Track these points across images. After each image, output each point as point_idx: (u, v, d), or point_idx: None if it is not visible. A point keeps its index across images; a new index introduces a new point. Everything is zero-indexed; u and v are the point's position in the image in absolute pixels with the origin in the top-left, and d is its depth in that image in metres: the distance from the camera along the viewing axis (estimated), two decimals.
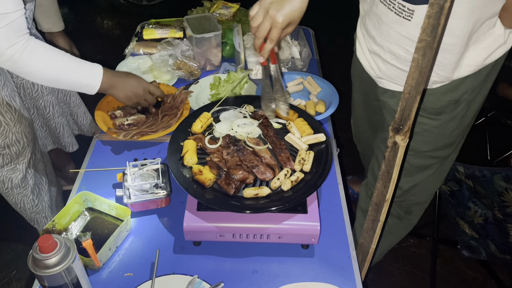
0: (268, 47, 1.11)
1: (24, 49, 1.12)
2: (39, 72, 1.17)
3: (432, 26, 0.74)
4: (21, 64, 1.14)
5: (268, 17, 1.07)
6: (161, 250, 1.09)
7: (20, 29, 1.11)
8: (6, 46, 1.09)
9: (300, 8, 1.09)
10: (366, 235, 1.12)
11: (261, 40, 1.11)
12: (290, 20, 1.08)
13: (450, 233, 2.11)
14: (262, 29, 1.08)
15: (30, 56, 1.14)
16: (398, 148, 0.91)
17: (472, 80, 1.18)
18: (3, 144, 1.43)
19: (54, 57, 1.19)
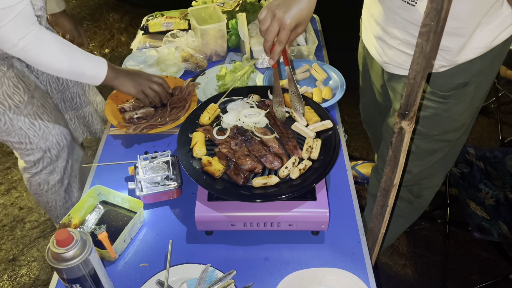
0: (278, 49, 1.11)
1: (36, 39, 1.15)
2: (50, 62, 1.20)
3: (435, 10, 0.74)
4: (33, 54, 1.17)
5: (276, 19, 1.07)
6: (174, 240, 1.11)
7: (28, 19, 1.13)
8: (18, 38, 1.12)
9: (308, 8, 1.08)
10: (375, 220, 1.13)
11: (270, 42, 1.11)
12: (299, 21, 1.08)
13: (462, 215, 2.11)
14: (271, 32, 1.08)
15: (42, 47, 1.17)
16: (405, 134, 0.91)
17: (480, 62, 1.16)
18: (45, 147, 1.46)
19: (64, 48, 1.22)
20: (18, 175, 2.47)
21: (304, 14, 1.08)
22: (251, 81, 1.56)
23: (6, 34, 1.10)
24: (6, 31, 1.10)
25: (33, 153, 1.46)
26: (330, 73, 1.56)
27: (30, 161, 1.48)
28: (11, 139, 1.40)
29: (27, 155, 1.47)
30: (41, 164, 1.49)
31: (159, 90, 1.40)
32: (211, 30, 1.64)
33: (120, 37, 3.54)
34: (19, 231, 2.19)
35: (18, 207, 2.31)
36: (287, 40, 1.11)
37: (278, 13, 1.07)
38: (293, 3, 1.07)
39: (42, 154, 1.47)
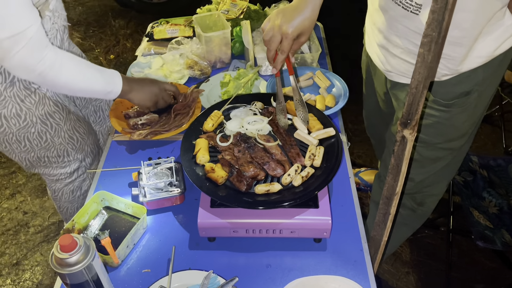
0: (280, 58, 1.14)
1: (54, 63, 1.12)
2: (68, 84, 1.18)
3: (436, 21, 0.75)
4: (51, 78, 1.14)
5: (278, 29, 1.09)
6: (177, 247, 1.12)
7: (41, 42, 1.09)
8: (35, 63, 1.09)
9: (310, 18, 1.11)
10: (377, 228, 1.13)
11: (273, 52, 1.13)
12: (301, 31, 1.11)
13: (465, 223, 2.10)
14: (273, 42, 1.11)
15: (59, 71, 1.15)
16: (407, 142, 0.91)
17: (483, 71, 1.17)
18: (81, 157, 1.48)
19: (80, 68, 1.20)
20: (23, 180, 2.49)
21: (306, 24, 1.11)
22: (254, 88, 1.57)
23: (21, 61, 1.08)
24: (21, 58, 1.07)
25: (70, 164, 1.48)
26: (334, 80, 1.57)
27: (66, 173, 1.50)
28: (49, 154, 1.41)
29: (63, 167, 1.48)
30: (76, 173, 1.53)
31: (170, 101, 1.43)
32: (215, 37, 1.66)
33: (125, 43, 3.57)
34: (23, 235, 2.20)
35: (23, 212, 2.32)
36: (290, 49, 1.13)
37: (280, 23, 1.09)
38: (296, 14, 1.10)
39: (79, 164, 1.50)
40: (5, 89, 1.23)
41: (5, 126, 1.28)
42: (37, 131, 1.33)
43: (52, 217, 2.29)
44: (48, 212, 2.31)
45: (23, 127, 1.30)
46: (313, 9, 1.11)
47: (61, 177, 1.51)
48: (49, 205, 2.35)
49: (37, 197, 2.39)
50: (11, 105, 1.25)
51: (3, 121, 1.27)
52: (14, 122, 1.28)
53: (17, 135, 1.31)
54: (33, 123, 1.31)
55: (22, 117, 1.28)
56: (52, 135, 1.36)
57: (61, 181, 1.53)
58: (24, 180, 2.49)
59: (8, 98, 1.24)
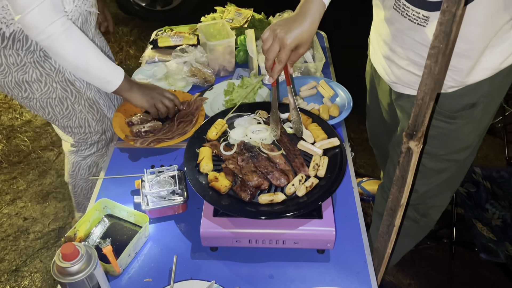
0: (278, 68, 1.15)
1: (64, 30, 1.18)
2: (70, 57, 1.23)
3: (444, 33, 0.75)
4: (57, 44, 1.19)
5: (277, 39, 1.11)
6: (179, 256, 1.11)
7: (55, 7, 1.16)
8: (46, 24, 1.14)
9: (309, 30, 1.12)
10: (381, 240, 1.12)
11: (271, 61, 1.15)
12: (299, 42, 1.12)
13: (468, 235, 2.09)
14: (271, 51, 1.13)
15: (66, 40, 1.19)
16: (412, 154, 0.91)
17: (488, 84, 1.17)
18: (101, 130, 1.52)
19: (87, 47, 1.25)
20: (23, 185, 2.49)
21: (304, 36, 1.12)
22: (258, 97, 1.57)
23: (33, 19, 1.13)
24: (34, 16, 1.12)
25: (91, 136, 1.52)
26: (337, 90, 1.57)
27: (87, 144, 1.54)
28: (71, 124, 1.46)
29: (85, 139, 1.52)
30: (96, 147, 1.57)
31: (171, 106, 1.43)
32: (219, 46, 1.66)
33: (128, 50, 3.58)
34: (22, 241, 2.19)
35: (23, 218, 2.31)
36: (287, 60, 1.15)
37: (279, 33, 1.11)
38: (295, 25, 1.11)
39: (99, 136, 1.54)
40: (25, 55, 1.30)
41: (28, 91, 1.36)
42: (58, 97, 1.39)
43: (52, 224, 2.28)
44: (48, 218, 2.30)
45: (44, 92, 1.36)
46: (312, 22, 1.13)
47: (82, 147, 1.56)
48: (49, 211, 2.34)
49: (38, 203, 2.39)
50: (31, 70, 1.32)
51: (26, 86, 1.34)
52: (36, 87, 1.35)
53: (40, 100, 1.38)
54: (53, 89, 1.37)
55: (43, 82, 1.35)
56: (73, 101, 1.41)
57: (81, 153, 1.58)
58: (25, 185, 2.48)
59: (28, 64, 1.31)
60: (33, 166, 2.61)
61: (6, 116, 2.95)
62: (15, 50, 1.28)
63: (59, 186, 2.48)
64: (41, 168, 2.59)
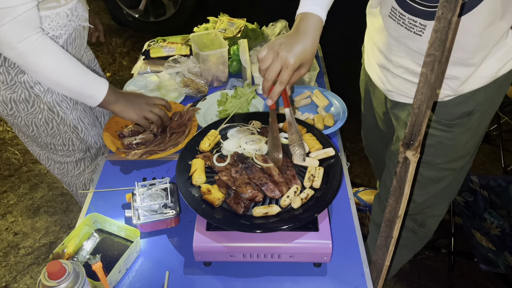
0: (278, 89, 1.06)
1: (37, 46, 1.14)
2: (47, 73, 1.20)
3: (439, 40, 0.73)
4: (31, 61, 1.16)
5: (279, 58, 1.03)
6: (171, 271, 1.07)
7: (30, 23, 1.12)
8: (17, 40, 1.11)
9: (312, 48, 1.06)
10: (379, 252, 1.10)
11: (271, 82, 1.06)
12: (302, 61, 1.05)
13: (466, 244, 2.06)
14: (272, 71, 1.04)
15: (41, 55, 1.16)
16: (409, 164, 0.89)
17: (485, 92, 1.16)
18: (85, 148, 1.50)
19: (64, 62, 1.21)
20: (14, 199, 2.44)
21: (308, 55, 1.06)
22: (252, 107, 1.55)
23: (4, 35, 1.09)
24: (5, 31, 1.09)
25: (74, 154, 1.50)
26: (332, 99, 1.55)
27: (72, 162, 1.53)
28: (55, 142, 1.44)
29: (68, 156, 1.51)
30: (83, 164, 1.55)
31: (161, 114, 1.39)
32: (212, 56, 1.64)
33: (122, 61, 3.57)
34: (12, 257, 2.14)
35: (13, 232, 2.26)
36: (289, 81, 1.06)
37: (281, 52, 1.03)
38: (296, 43, 1.04)
39: (83, 154, 1.52)
40: (16, 74, 1.27)
41: (14, 109, 1.34)
42: (44, 118, 1.37)
43: (43, 238, 2.23)
44: (39, 233, 2.25)
45: (30, 112, 1.35)
46: (314, 39, 1.06)
47: (69, 167, 1.54)
48: (40, 226, 2.29)
49: (28, 218, 2.34)
50: (20, 90, 1.30)
51: (12, 105, 1.32)
52: (22, 106, 1.33)
53: (25, 119, 1.36)
54: (40, 110, 1.35)
55: (30, 103, 1.33)
56: (58, 122, 1.39)
57: (71, 173, 1.56)
58: (16, 199, 2.44)
59: (18, 83, 1.29)
60: (24, 179, 2.56)
61: None
62: (6, 68, 1.25)
63: (50, 199, 2.44)
64: (32, 181, 2.55)
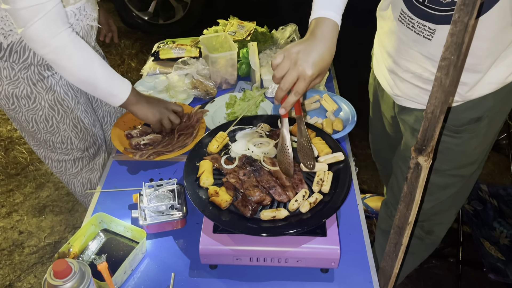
0: (293, 99, 1.02)
1: (69, 42, 1.15)
2: (78, 70, 1.20)
3: (455, 44, 0.72)
4: (63, 57, 1.16)
5: (296, 68, 0.98)
6: (177, 274, 1.06)
7: (60, 18, 1.13)
8: (50, 36, 1.12)
9: (329, 56, 1.01)
10: (388, 259, 1.08)
11: (285, 92, 1.01)
12: (320, 71, 1.00)
13: (475, 254, 2.04)
14: (288, 81, 0.99)
15: (73, 52, 1.17)
16: (421, 170, 0.87)
17: (494, 98, 1.15)
18: (83, 147, 1.51)
19: (94, 59, 1.22)
20: (20, 198, 2.44)
21: (325, 63, 1.00)
22: (260, 110, 1.54)
23: (37, 32, 1.10)
24: (38, 28, 1.10)
25: (72, 152, 1.51)
26: (341, 104, 1.54)
27: (70, 160, 1.53)
28: (54, 139, 1.45)
29: (66, 154, 1.51)
30: (81, 163, 1.55)
31: (177, 122, 1.41)
32: (221, 59, 1.64)
33: (130, 63, 3.58)
34: (17, 255, 2.14)
35: (18, 231, 2.26)
36: (305, 91, 1.02)
37: (299, 62, 0.98)
38: (314, 51, 0.99)
39: (81, 153, 1.52)
40: (20, 70, 1.29)
41: (16, 104, 1.35)
42: (44, 115, 1.38)
43: (48, 238, 2.23)
44: (44, 232, 2.25)
45: (31, 108, 1.36)
46: (331, 47, 1.01)
47: (67, 165, 1.55)
48: (45, 225, 2.29)
49: (34, 217, 2.34)
50: (23, 86, 1.31)
51: (14, 100, 1.34)
52: (24, 102, 1.35)
53: (26, 115, 1.38)
54: (41, 107, 1.36)
55: (32, 99, 1.34)
56: (58, 120, 1.41)
57: (68, 171, 1.57)
58: (22, 198, 2.44)
59: (21, 79, 1.30)
60: (31, 178, 2.57)
61: (4, 127, 2.93)
62: (11, 63, 1.26)
63: (56, 199, 2.44)
64: (38, 180, 2.55)
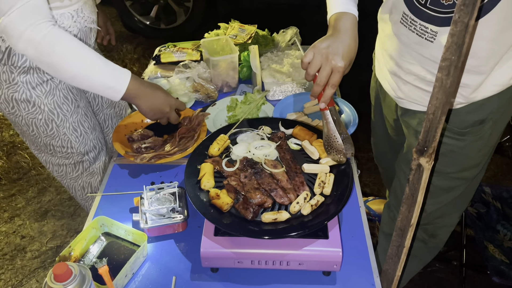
0: (330, 92, 1.09)
1: (47, 33, 1.06)
2: (63, 63, 1.11)
3: (456, 44, 0.71)
4: (44, 50, 1.07)
5: (329, 62, 1.05)
6: (178, 277, 1.06)
7: (39, 12, 1.06)
8: (24, 27, 1.04)
9: (355, 45, 1.10)
10: (390, 262, 1.07)
11: (322, 87, 1.09)
12: (350, 61, 1.08)
13: (479, 257, 2.02)
14: (323, 76, 1.06)
15: (54, 43, 1.08)
16: (423, 171, 0.87)
17: (497, 100, 1.14)
18: (84, 151, 1.50)
19: (80, 50, 1.13)
20: (22, 203, 2.45)
21: (352, 53, 1.09)
22: (262, 113, 1.54)
23: (12, 23, 1.03)
24: (13, 20, 1.03)
25: (73, 156, 1.50)
26: (343, 106, 1.54)
27: (71, 164, 1.52)
28: (54, 143, 1.45)
29: (67, 158, 1.50)
30: (81, 167, 1.54)
31: (175, 122, 1.38)
32: (223, 62, 1.64)
33: (132, 67, 3.59)
34: (19, 260, 2.14)
35: (20, 236, 2.26)
36: (339, 82, 1.09)
37: (330, 56, 1.05)
38: (341, 43, 1.07)
39: (82, 157, 1.51)
40: (19, 74, 1.28)
41: (15, 108, 1.34)
42: (44, 118, 1.37)
43: (50, 242, 2.22)
44: (46, 237, 2.25)
45: (31, 112, 1.35)
46: (355, 39, 1.10)
47: (68, 169, 1.54)
48: (47, 230, 2.29)
49: (36, 221, 2.34)
50: (22, 90, 1.30)
51: (14, 104, 1.33)
52: (23, 106, 1.34)
53: (26, 119, 1.37)
54: (41, 110, 1.35)
55: (31, 103, 1.33)
56: (58, 124, 1.40)
57: (69, 175, 1.56)
58: (24, 203, 2.44)
59: (20, 83, 1.29)
60: (33, 183, 2.57)
61: (7, 132, 2.94)
62: (10, 67, 1.25)
63: (58, 203, 2.44)
64: (40, 185, 2.55)
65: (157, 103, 1.28)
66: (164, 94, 1.31)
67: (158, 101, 1.28)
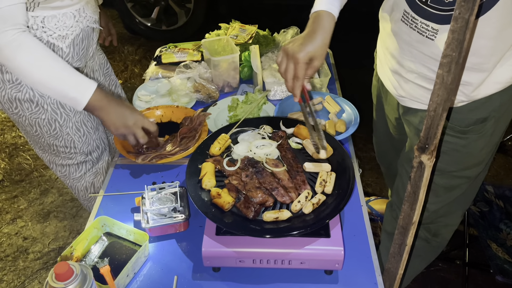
0: (297, 84, 1.13)
1: (11, 41, 1.09)
2: (25, 70, 1.14)
3: (457, 41, 0.71)
4: (6, 56, 1.11)
5: (290, 57, 1.11)
6: (180, 276, 1.06)
7: (8, 19, 1.08)
8: None
9: (321, 41, 1.12)
10: (392, 260, 1.07)
11: (290, 81, 1.14)
12: (312, 55, 1.11)
13: (482, 256, 2.01)
14: (288, 71, 1.13)
15: (17, 51, 1.11)
16: (424, 168, 0.86)
17: (500, 98, 1.13)
18: (87, 151, 1.50)
19: (45, 59, 1.15)
20: (24, 204, 2.45)
21: (317, 48, 1.11)
22: (263, 113, 1.54)
23: None
24: None
25: (76, 156, 1.50)
26: (344, 106, 1.53)
27: (74, 164, 1.53)
28: (57, 143, 1.45)
29: (70, 158, 1.51)
30: (85, 167, 1.55)
31: (142, 141, 1.30)
32: (223, 62, 1.64)
33: (133, 69, 3.60)
34: (21, 262, 2.14)
35: (23, 237, 2.26)
36: (304, 74, 1.12)
37: (290, 50, 1.11)
38: (306, 40, 1.11)
39: (85, 157, 1.52)
40: None
41: (19, 108, 1.35)
42: (47, 118, 1.37)
43: (53, 243, 2.23)
44: (48, 238, 2.25)
45: (34, 112, 1.35)
46: (323, 34, 1.12)
47: (71, 170, 1.54)
48: (49, 231, 2.29)
49: (38, 222, 2.34)
50: (25, 90, 1.31)
51: (17, 103, 1.33)
52: (27, 106, 1.34)
53: (29, 119, 1.37)
54: (44, 110, 1.35)
55: (35, 103, 1.33)
56: (61, 124, 1.40)
57: (72, 175, 1.57)
58: (26, 204, 2.45)
59: (23, 83, 1.29)
60: (35, 184, 2.58)
61: (9, 134, 2.95)
62: None
63: (60, 205, 2.44)
64: (42, 186, 2.56)
65: (120, 117, 1.25)
66: (129, 110, 1.28)
67: (122, 115, 1.25)
